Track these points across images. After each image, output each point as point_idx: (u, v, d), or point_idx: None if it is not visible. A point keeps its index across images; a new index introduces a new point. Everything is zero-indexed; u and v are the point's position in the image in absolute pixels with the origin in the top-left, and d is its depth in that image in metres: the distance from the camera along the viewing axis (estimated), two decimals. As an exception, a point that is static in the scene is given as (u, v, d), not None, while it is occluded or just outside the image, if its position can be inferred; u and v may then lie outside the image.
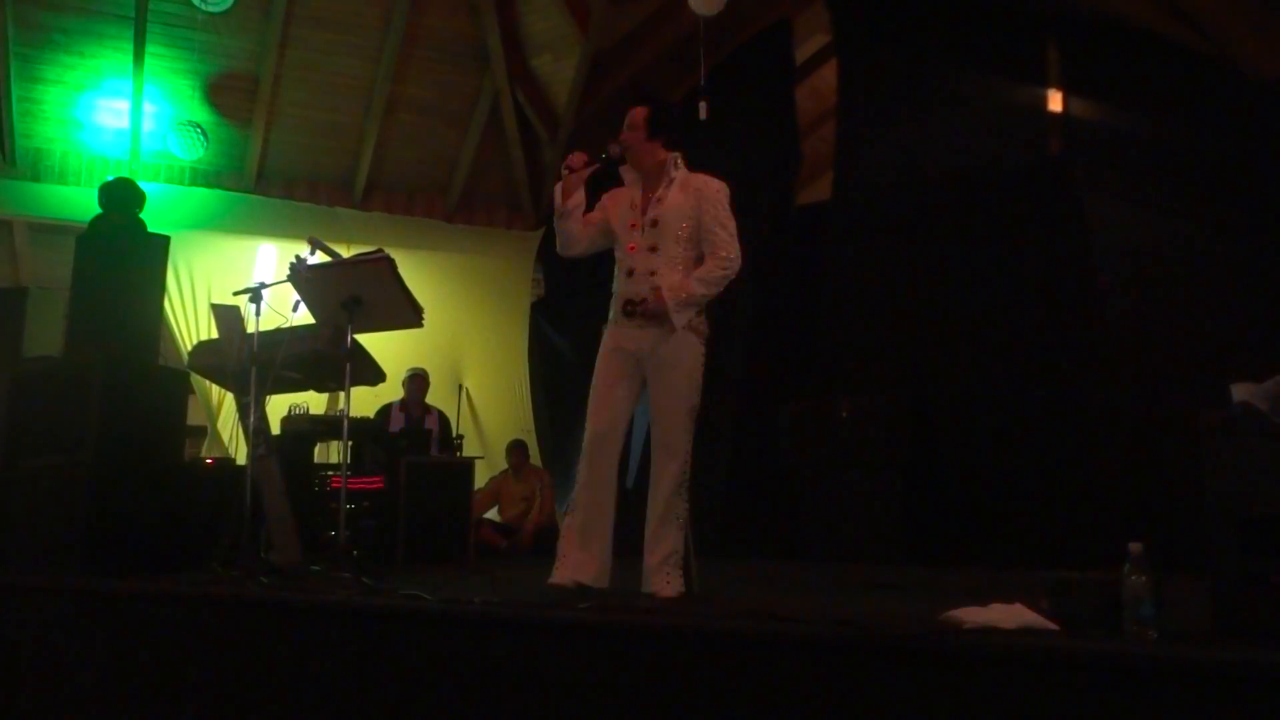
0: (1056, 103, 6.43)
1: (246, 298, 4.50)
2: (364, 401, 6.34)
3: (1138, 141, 5.84)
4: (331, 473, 5.47)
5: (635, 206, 3.67)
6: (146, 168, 8.03)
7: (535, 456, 7.87)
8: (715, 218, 3.55)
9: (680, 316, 3.49)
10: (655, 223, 3.59)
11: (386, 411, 6.78)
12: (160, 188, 7.82)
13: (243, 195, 8.49)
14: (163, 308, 6.08)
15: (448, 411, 7.32)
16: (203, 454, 7.67)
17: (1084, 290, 5.79)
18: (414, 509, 5.52)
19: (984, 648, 2.21)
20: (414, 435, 6.21)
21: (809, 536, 5.90)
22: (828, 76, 8.01)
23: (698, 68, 7.19)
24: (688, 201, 3.58)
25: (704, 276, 3.51)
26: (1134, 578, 2.28)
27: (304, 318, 4.67)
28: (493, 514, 7.50)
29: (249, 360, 4.41)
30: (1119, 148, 5.93)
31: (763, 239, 7.27)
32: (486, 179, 8.96)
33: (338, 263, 4.34)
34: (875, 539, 5.64)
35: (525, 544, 7.09)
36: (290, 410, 5.65)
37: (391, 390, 6.32)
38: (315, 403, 6.67)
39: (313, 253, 4.46)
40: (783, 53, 7.92)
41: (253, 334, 4.45)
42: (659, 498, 3.52)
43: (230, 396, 7.66)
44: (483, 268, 8.77)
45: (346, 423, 4.15)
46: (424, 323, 4.30)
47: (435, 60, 8.47)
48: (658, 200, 3.62)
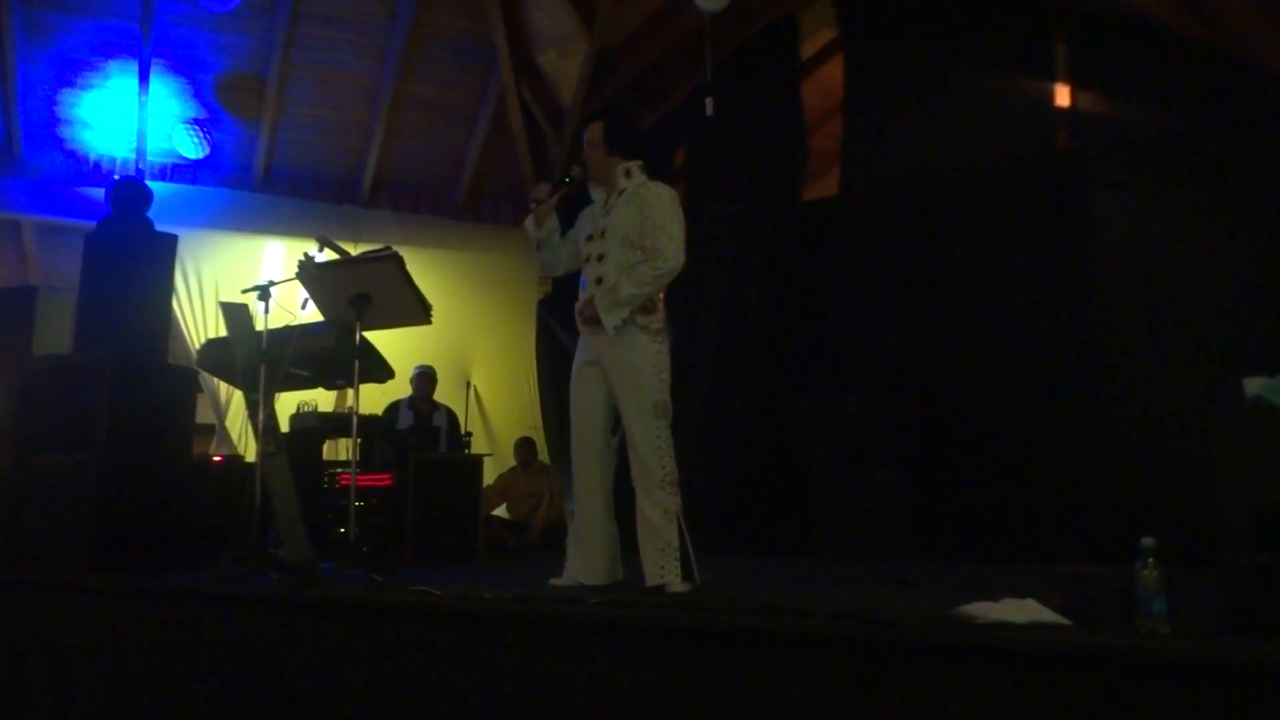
0: (1064, 96, 6.40)
1: (255, 295, 4.51)
2: (372, 399, 6.35)
3: (1145, 135, 5.81)
4: (340, 470, 5.48)
5: (595, 220, 3.81)
6: (154, 167, 8.04)
7: (544, 453, 7.88)
8: (655, 221, 3.64)
9: (610, 317, 3.60)
10: (604, 233, 3.72)
11: (395, 409, 6.79)
12: (167, 187, 7.83)
13: (250, 194, 8.52)
14: (171, 306, 6.11)
15: (455, 409, 7.33)
16: (211, 452, 7.69)
17: (1092, 284, 5.77)
18: (423, 506, 5.53)
19: (997, 643, 2.21)
20: (422, 432, 6.22)
21: (818, 532, 5.89)
22: (834, 72, 7.99)
23: (704, 64, 7.19)
24: (634, 209, 3.69)
25: (635, 276, 3.61)
26: (1146, 572, 2.28)
27: (312, 315, 4.69)
28: (501, 511, 7.52)
29: (258, 358, 4.42)
30: (1126, 142, 5.91)
31: (769, 235, 7.26)
32: (493, 176, 8.97)
33: (346, 260, 4.35)
34: (885, 534, 5.64)
35: (533, 540, 7.11)
36: (299, 408, 5.66)
37: (399, 388, 6.33)
38: (323, 400, 6.69)
39: (321, 250, 4.47)
40: (789, 48, 7.90)
41: (261, 331, 4.46)
42: (641, 496, 3.59)
43: (239, 394, 7.69)
44: (490, 265, 8.77)
45: (356, 420, 4.16)
46: (432, 320, 4.31)
47: (441, 58, 8.48)
48: (607, 212, 3.75)
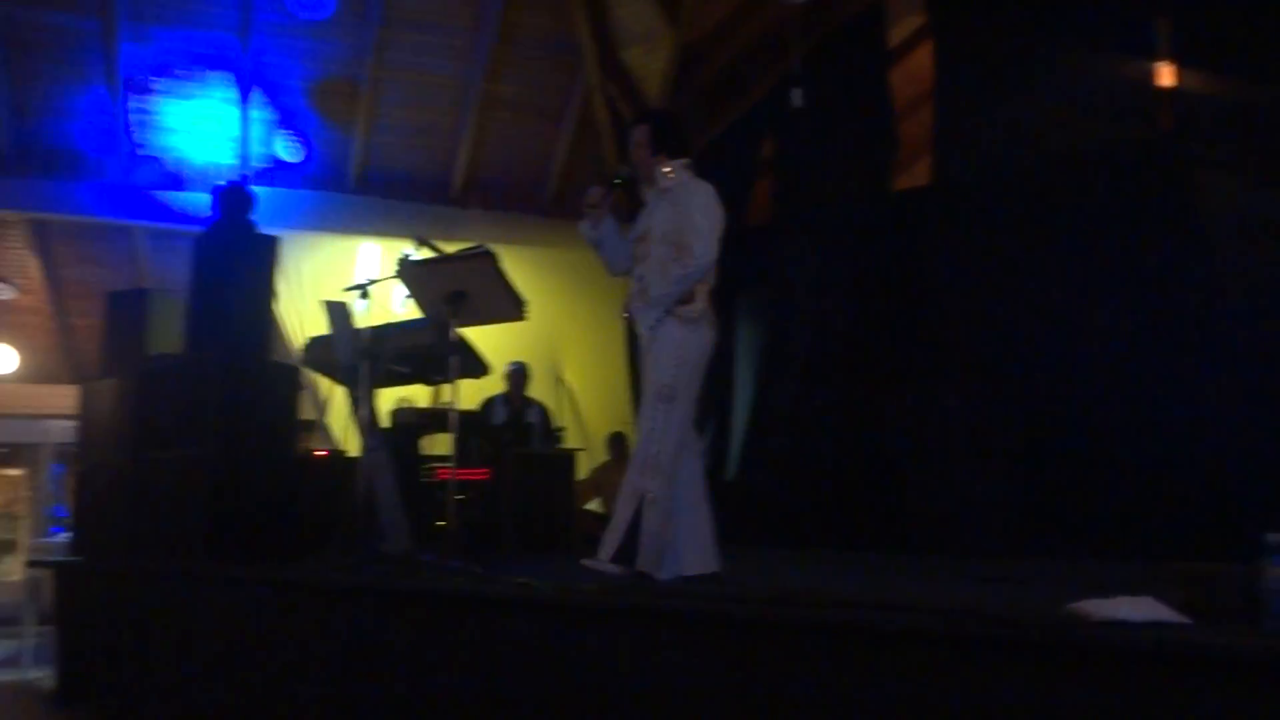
0: (1167, 76, 6.16)
1: (356, 294, 4.63)
2: (466, 395, 6.45)
3: (1254, 116, 5.56)
4: (437, 464, 5.58)
5: (642, 220, 3.84)
6: (255, 172, 8.31)
7: (635, 448, 7.89)
8: (690, 220, 3.65)
9: (645, 318, 3.67)
10: (648, 233, 3.76)
11: (489, 404, 6.90)
12: (268, 191, 8.07)
13: (345, 196, 8.75)
14: (273, 306, 6.29)
15: (547, 404, 7.41)
16: (312, 447, 7.90)
17: (1201, 272, 5.55)
18: (519, 500, 5.60)
19: (1113, 642, 2.14)
20: (516, 427, 6.31)
21: (915, 528, 5.79)
22: (923, 59, 7.85)
23: (789, 55, 7.13)
24: (674, 208, 3.70)
25: (666, 276, 3.64)
26: (1273, 570, 2.19)
27: (409, 312, 4.78)
28: (595, 505, 7.57)
29: (359, 355, 4.54)
30: (1234, 123, 5.66)
31: (859, 226, 7.17)
32: (581, 172, 9.04)
33: (443, 258, 4.42)
34: (986, 530, 5.50)
35: (626, 534, 7.13)
36: (398, 404, 5.78)
37: (493, 383, 6.43)
38: (419, 396, 6.82)
39: (418, 249, 4.57)
40: (876, 36, 7.78)
41: (362, 329, 4.58)
42: (628, 472, 3.63)
43: (339, 390, 7.90)
44: (579, 261, 8.78)
45: (455, 416, 4.23)
46: (526, 316, 4.36)
47: (527, 57, 8.58)
48: (649, 212, 3.79)
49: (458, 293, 4.17)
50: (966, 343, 6.27)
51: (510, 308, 4.30)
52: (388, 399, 5.68)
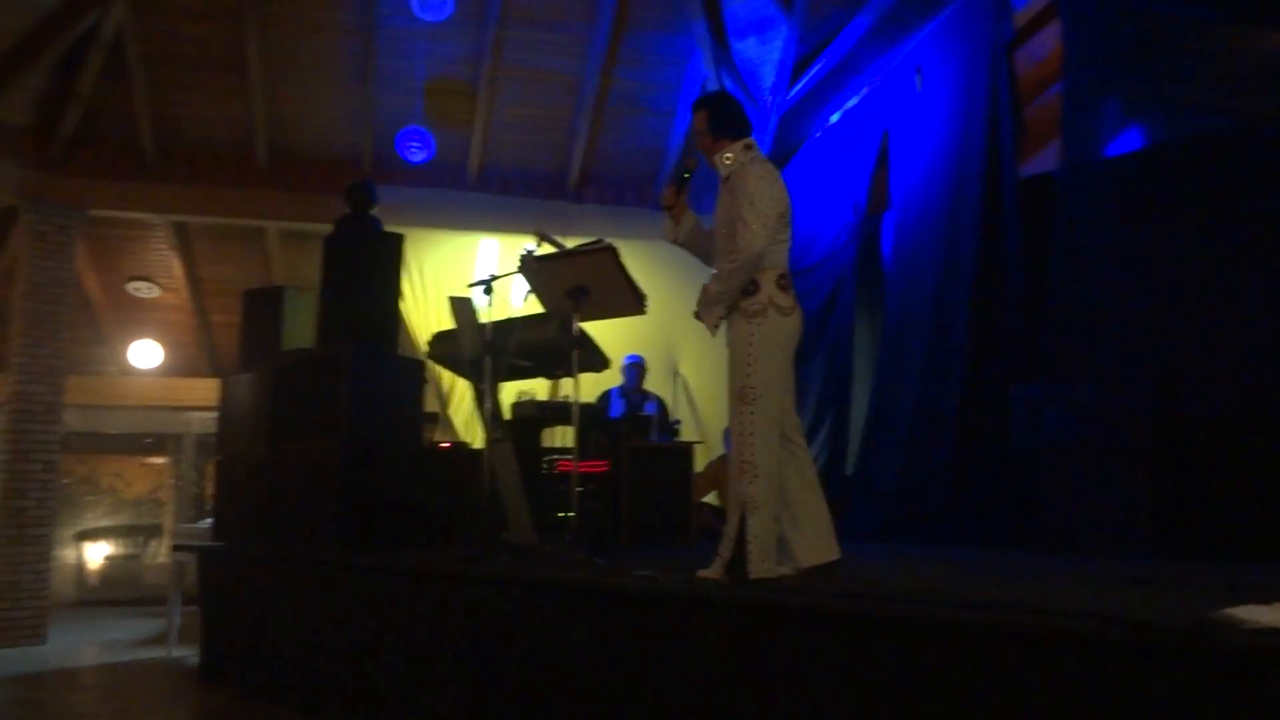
0: (1320, 48, 5.78)
1: (480, 289, 4.73)
2: (584, 388, 6.53)
3: None
4: (558, 456, 5.66)
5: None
6: (379, 172, 8.57)
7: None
8: (737, 210, 3.52)
9: (708, 318, 3.64)
10: (717, 224, 3.68)
11: (607, 397, 6.96)
12: (392, 189, 8.32)
13: (464, 193, 8.95)
14: (399, 301, 6.49)
15: (664, 397, 7.43)
16: (436, 439, 8.13)
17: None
18: (637, 492, 5.64)
19: (1271, 649, 2.03)
20: (634, 420, 6.35)
21: (1043, 526, 5.57)
22: (1049, 39, 7.54)
23: (907, 38, 6.95)
24: (730, 196, 3.59)
25: (719, 273, 3.57)
26: None
27: (528, 307, 4.86)
28: (711, 498, 7.57)
29: (484, 349, 4.63)
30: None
31: (983, 214, 6.94)
32: (697, 166, 9.01)
33: (564, 253, 4.48)
34: (1119, 530, 5.26)
35: (742, 528, 7.10)
36: (519, 397, 5.89)
37: (611, 376, 6.49)
38: (539, 389, 6.93)
39: (539, 244, 4.64)
40: (999, 15, 7.51)
41: (486, 324, 4.67)
42: (730, 481, 3.56)
43: (461, 383, 8.10)
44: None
45: (577, 409, 4.28)
46: (646, 310, 4.38)
47: (641, 51, 8.60)
48: (718, 201, 3.70)
49: (579, 287, 4.21)
50: (1098, 336, 6.00)
51: (631, 302, 4.32)
52: (509, 392, 5.78)
